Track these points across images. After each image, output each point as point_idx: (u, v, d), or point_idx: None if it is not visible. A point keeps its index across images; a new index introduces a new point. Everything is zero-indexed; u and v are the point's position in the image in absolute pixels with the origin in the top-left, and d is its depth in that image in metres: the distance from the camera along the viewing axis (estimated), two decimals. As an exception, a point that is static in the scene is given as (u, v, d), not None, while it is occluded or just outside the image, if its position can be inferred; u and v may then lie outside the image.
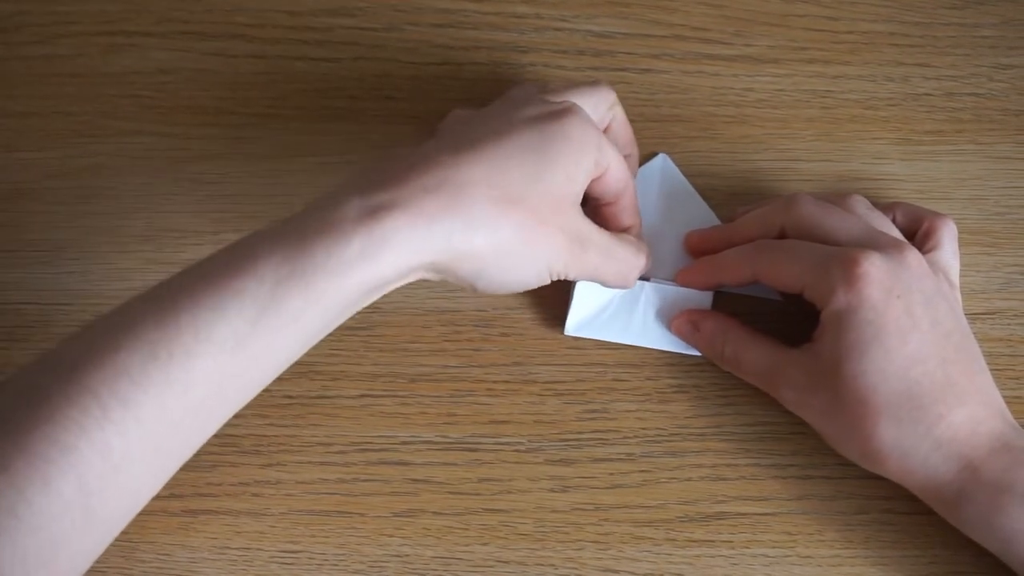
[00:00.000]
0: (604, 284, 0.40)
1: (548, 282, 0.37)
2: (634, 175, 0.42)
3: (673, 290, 0.42)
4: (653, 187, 0.44)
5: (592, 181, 0.38)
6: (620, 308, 0.42)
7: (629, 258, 0.39)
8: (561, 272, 0.37)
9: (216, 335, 0.31)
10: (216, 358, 0.31)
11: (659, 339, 0.42)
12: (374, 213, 0.32)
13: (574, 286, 0.41)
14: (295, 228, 0.32)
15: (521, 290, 0.37)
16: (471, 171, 0.34)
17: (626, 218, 0.40)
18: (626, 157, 0.41)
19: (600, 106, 0.39)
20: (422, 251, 0.33)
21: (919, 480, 0.36)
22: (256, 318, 0.31)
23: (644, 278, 0.42)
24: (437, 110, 0.46)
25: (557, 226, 0.36)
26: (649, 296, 0.42)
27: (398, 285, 0.35)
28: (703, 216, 0.44)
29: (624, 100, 0.46)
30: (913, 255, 0.37)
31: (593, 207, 0.40)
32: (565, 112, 0.36)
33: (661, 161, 0.45)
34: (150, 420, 0.30)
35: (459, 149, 0.35)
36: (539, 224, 0.35)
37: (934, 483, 0.36)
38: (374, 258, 0.32)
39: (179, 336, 0.30)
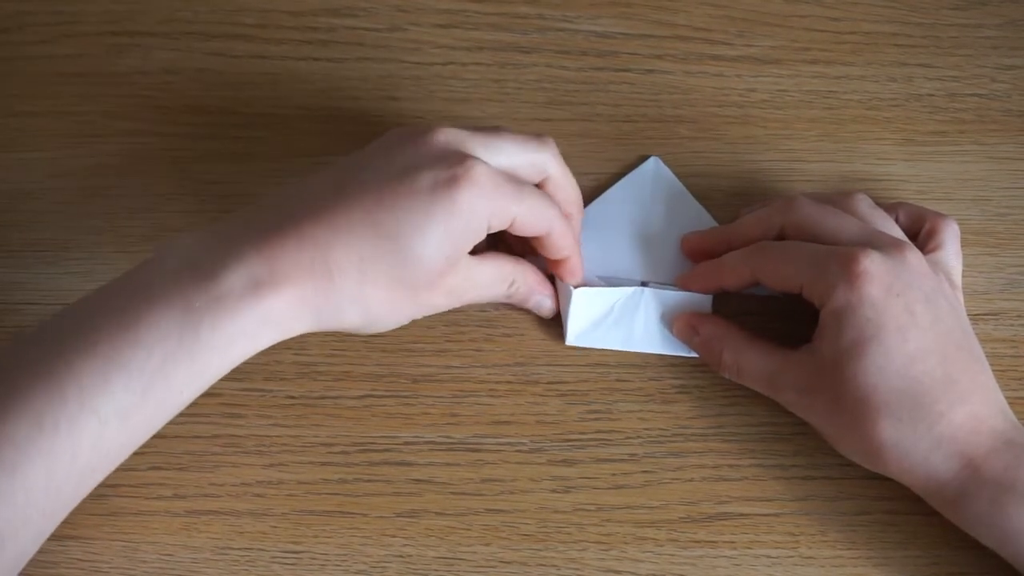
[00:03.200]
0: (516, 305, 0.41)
1: None
2: (578, 231, 0.41)
3: (673, 294, 0.42)
4: (646, 191, 0.44)
5: (510, 225, 0.37)
6: (621, 315, 0.42)
7: (525, 284, 0.41)
8: (438, 310, 0.39)
9: (102, 409, 0.32)
10: (103, 430, 0.32)
11: (663, 344, 0.42)
12: (256, 290, 0.33)
13: (570, 296, 0.41)
14: (181, 293, 0.33)
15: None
16: (343, 254, 0.34)
17: (556, 252, 0.40)
18: (567, 216, 0.40)
19: (527, 163, 0.38)
20: (297, 327, 0.35)
21: (920, 478, 0.36)
22: (143, 392, 0.32)
23: (643, 283, 0.42)
24: (440, 111, 0.46)
25: (432, 294, 0.37)
26: (649, 302, 0.42)
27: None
28: (699, 218, 0.44)
29: (627, 100, 0.46)
30: (913, 253, 0.37)
31: (520, 243, 0.41)
32: (458, 179, 0.35)
33: (653, 164, 0.45)
34: (36, 487, 0.31)
35: (342, 222, 0.34)
36: (412, 298, 0.36)
37: (935, 482, 0.36)
38: (255, 336, 0.34)
39: (64, 407, 0.31)
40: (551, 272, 0.42)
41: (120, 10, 0.47)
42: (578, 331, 0.41)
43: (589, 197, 0.44)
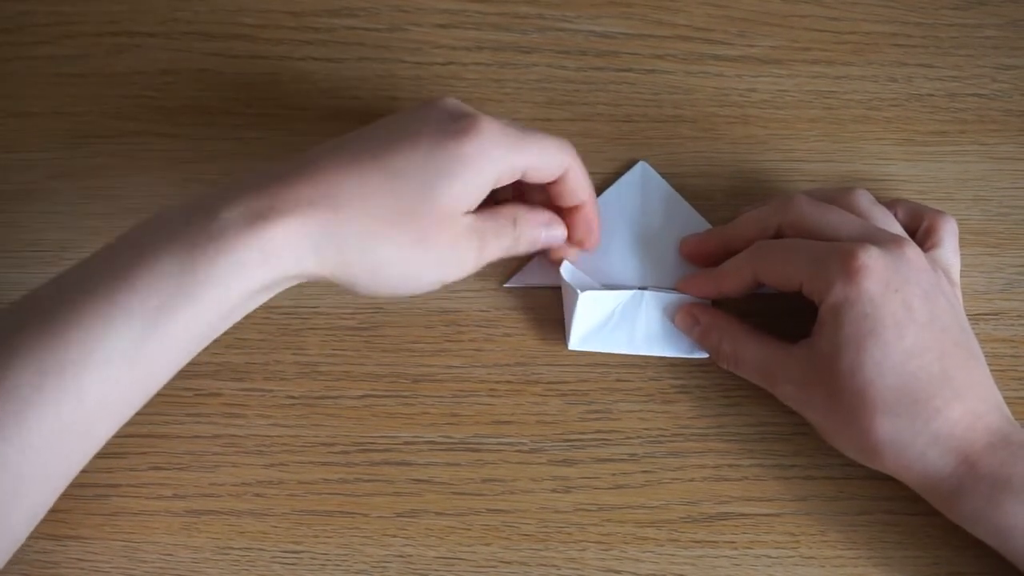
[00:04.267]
0: (519, 254, 0.40)
1: (439, 288, 0.38)
2: (594, 218, 0.41)
3: (673, 297, 0.42)
4: (636, 196, 0.44)
5: (523, 174, 0.37)
6: (623, 319, 0.41)
7: (533, 229, 0.39)
8: (456, 278, 0.38)
9: (105, 352, 0.31)
10: (107, 372, 0.32)
11: (665, 346, 0.42)
12: (253, 224, 0.33)
13: (576, 299, 0.40)
14: (179, 233, 0.33)
15: (414, 294, 0.37)
16: (353, 189, 0.34)
17: (572, 197, 0.39)
18: (582, 206, 0.40)
19: (553, 158, 0.38)
20: (300, 264, 0.34)
21: (916, 475, 0.36)
22: (145, 333, 0.32)
23: (642, 287, 0.42)
24: (440, 110, 0.46)
25: (443, 241, 0.36)
26: (650, 304, 0.42)
27: (281, 289, 0.35)
28: (691, 219, 0.44)
29: (627, 100, 0.46)
30: (912, 249, 0.37)
31: (536, 191, 0.40)
32: (465, 129, 0.35)
33: (641, 169, 0.45)
34: (48, 431, 0.31)
35: (349, 161, 0.35)
36: (422, 242, 0.35)
37: (931, 478, 0.36)
38: (255, 269, 0.33)
39: (67, 351, 0.31)
40: (554, 258, 0.42)
41: (120, 10, 0.47)
42: (581, 335, 0.41)
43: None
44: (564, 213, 0.40)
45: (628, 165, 0.45)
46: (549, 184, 0.39)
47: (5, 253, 0.44)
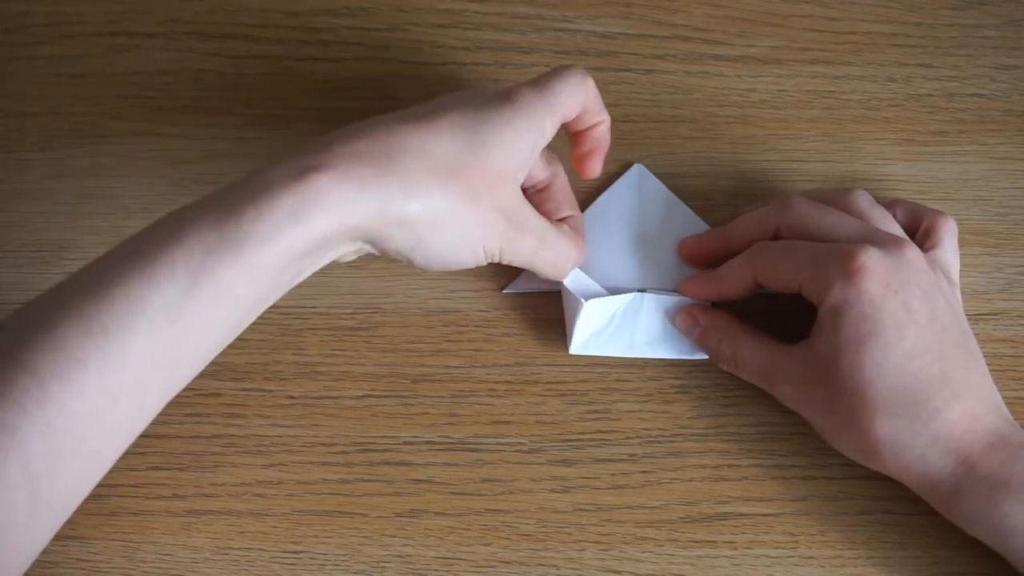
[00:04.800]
0: (538, 273, 0.40)
1: (484, 263, 0.37)
2: (606, 141, 0.41)
3: (673, 299, 0.42)
4: (633, 199, 0.44)
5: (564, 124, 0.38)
6: (623, 323, 0.41)
7: (565, 248, 0.39)
8: (496, 254, 0.37)
9: (149, 307, 0.30)
10: (151, 330, 0.31)
11: (666, 348, 0.42)
12: (303, 175, 0.32)
13: (580, 307, 0.40)
14: (223, 195, 0.32)
15: (457, 268, 0.37)
16: (404, 139, 0.34)
17: (560, 207, 0.40)
18: (598, 124, 0.40)
19: (579, 95, 0.38)
20: (352, 214, 0.33)
21: (915, 475, 0.36)
22: (188, 288, 0.31)
23: (642, 290, 0.42)
24: (439, 110, 0.46)
25: (493, 203, 0.36)
26: (649, 307, 0.42)
27: (332, 256, 0.34)
28: (688, 220, 0.44)
29: (626, 100, 0.46)
30: (911, 250, 0.37)
31: (527, 194, 0.40)
32: (510, 91, 0.36)
33: (637, 171, 0.45)
34: (91, 395, 0.30)
35: (397, 120, 0.35)
36: (473, 198, 0.35)
37: (930, 478, 0.36)
38: (304, 220, 0.32)
39: (111, 310, 0.30)
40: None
41: (119, 10, 0.47)
42: (582, 340, 0.41)
43: (585, 200, 0.44)
44: (576, 138, 0.40)
45: (627, 165, 0.45)
46: (539, 190, 0.40)
47: (4, 253, 0.44)
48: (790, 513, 0.41)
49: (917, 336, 0.35)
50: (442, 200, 0.34)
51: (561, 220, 0.41)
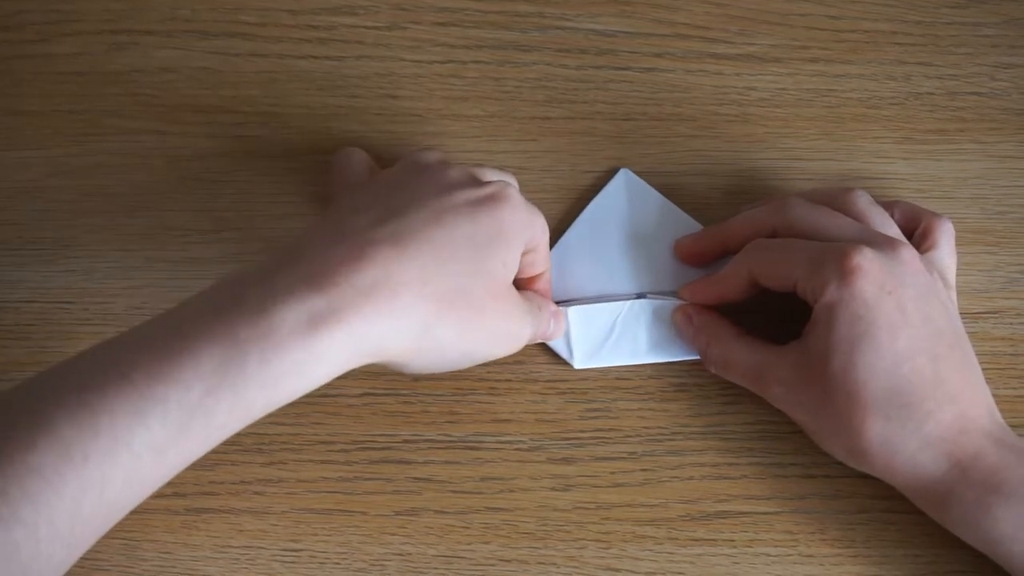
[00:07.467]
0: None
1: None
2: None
3: (673, 303, 0.42)
4: (622, 204, 0.44)
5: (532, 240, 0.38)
6: (625, 330, 0.42)
7: (544, 315, 0.40)
8: (509, 352, 0.38)
9: (136, 442, 0.29)
10: (136, 464, 0.30)
11: (670, 351, 0.42)
12: (314, 328, 0.31)
13: (565, 316, 0.41)
14: (227, 325, 0.31)
15: (461, 368, 0.38)
16: (405, 271, 0.33)
17: (541, 263, 0.40)
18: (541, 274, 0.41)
19: (540, 218, 0.39)
20: (356, 357, 0.32)
21: (906, 478, 0.36)
22: (180, 428, 0.30)
23: (640, 295, 0.42)
24: (439, 109, 0.46)
25: (497, 313, 0.36)
26: (650, 311, 0.42)
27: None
28: (681, 221, 0.44)
29: (626, 99, 0.46)
30: (907, 251, 0.37)
31: None
32: (497, 198, 0.36)
33: (624, 176, 0.45)
34: (62, 521, 0.29)
35: (393, 241, 0.33)
36: (477, 316, 0.35)
37: (921, 481, 0.36)
38: (309, 372, 0.31)
39: (96, 440, 0.29)
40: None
41: (119, 8, 0.47)
42: (585, 352, 0.41)
43: (573, 208, 0.44)
44: (525, 283, 0.41)
45: (627, 164, 0.45)
46: (524, 253, 0.39)
47: (5, 251, 0.44)
48: (789, 511, 0.41)
49: (911, 337, 0.35)
50: (444, 330, 0.34)
51: (538, 274, 0.41)
